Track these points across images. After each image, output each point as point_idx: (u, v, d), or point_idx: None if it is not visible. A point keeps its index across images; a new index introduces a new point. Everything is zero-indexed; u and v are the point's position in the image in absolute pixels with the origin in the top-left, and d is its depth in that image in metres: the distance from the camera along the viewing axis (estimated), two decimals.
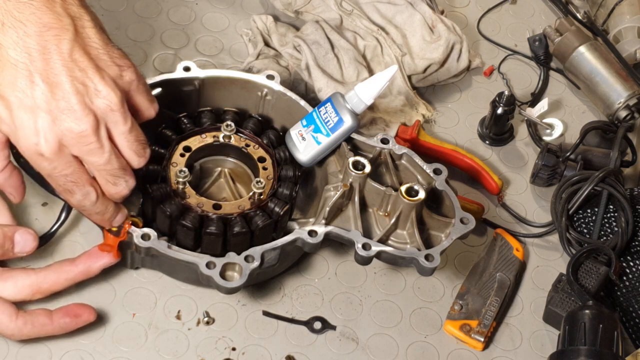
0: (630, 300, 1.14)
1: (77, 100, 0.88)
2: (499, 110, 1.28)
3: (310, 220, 1.08)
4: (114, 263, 1.03)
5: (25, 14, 0.87)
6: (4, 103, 0.88)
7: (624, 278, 1.15)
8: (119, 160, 0.94)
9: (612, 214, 1.19)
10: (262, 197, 1.07)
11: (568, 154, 1.25)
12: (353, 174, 1.07)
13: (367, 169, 1.08)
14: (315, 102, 1.18)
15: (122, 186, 0.96)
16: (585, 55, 1.36)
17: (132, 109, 0.95)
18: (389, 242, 1.07)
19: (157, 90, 1.10)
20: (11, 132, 0.90)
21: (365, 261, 1.04)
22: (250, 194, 1.07)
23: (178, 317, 1.08)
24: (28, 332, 0.98)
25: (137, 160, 0.95)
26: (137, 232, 1.01)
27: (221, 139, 1.12)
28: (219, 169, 1.14)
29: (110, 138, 0.92)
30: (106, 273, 1.09)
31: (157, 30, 1.36)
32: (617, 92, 1.33)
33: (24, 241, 0.99)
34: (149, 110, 0.98)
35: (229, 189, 1.13)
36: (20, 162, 0.98)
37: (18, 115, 0.88)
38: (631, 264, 1.16)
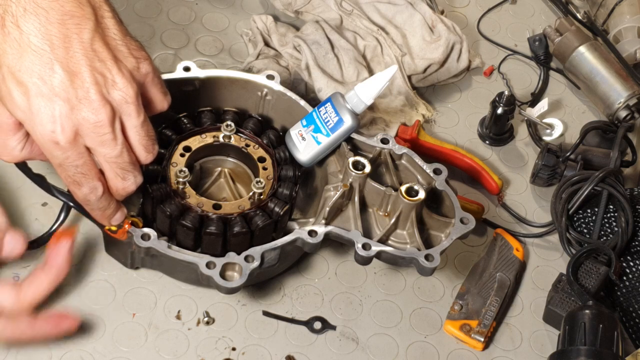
0: (630, 300, 1.14)
1: (96, 90, 0.88)
2: (499, 110, 1.28)
3: (310, 220, 1.08)
4: (73, 242, 1.00)
5: (47, 1, 0.87)
6: (22, 89, 0.87)
7: (624, 278, 1.15)
8: (130, 154, 0.93)
9: (612, 214, 1.19)
10: (262, 197, 1.07)
11: (568, 154, 1.25)
12: (353, 174, 1.07)
13: (367, 169, 1.08)
14: (315, 102, 1.18)
15: (130, 181, 0.95)
16: (585, 55, 1.36)
17: (145, 101, 0.94)
18: (389, 242, 1.07)
19: None
20: (26, 118, 0.88)
21: (365, 261, 1.04)
22: (250, 194, 1.07)
23: (178, 317, 1.08)
24: (7, 336, 0.96)
25: (145, 155, 0.95)
26: (137, 232, 1.01)
27: (221, 139, 1.12)
28: (219, 169, 1.14)
29: (123, 131, 0.92)
30: (106, 273, 1.09)
31: (157, 30, 1.36)
32: (617, 92, 1.33)
33: (14, 243, 0.98)
34: (162, 102, 0.98)
35: (229, 189, 1.13)
36: (18, 164, 0.98)
37: (35, 102, 0.87)
38: (631, 264, 1.16)
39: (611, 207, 1.19)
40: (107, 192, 0.96)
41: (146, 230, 1.01)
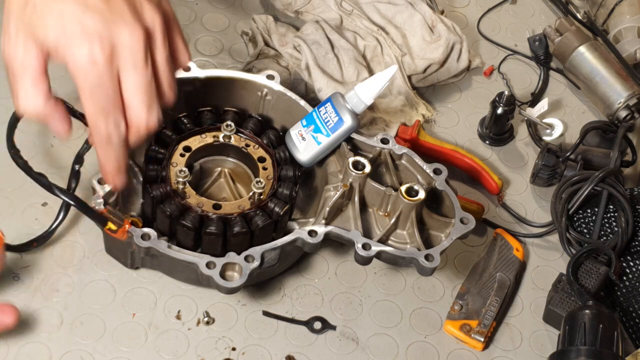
0: (630, 300, 1.14)
1: (130, 11, 0.88)
2: (499, 110, 1.28)
3: (310, 220, 1.08)
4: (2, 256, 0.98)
5: None
6: (55, 13, 0.86)
7: (624, 278, 1.15)
8: (155, 88, 0.92)
9: (612, 214, 1.19)
10: (262, 197, 1.07)
11: (568, 154, 1.25)
12: (353, 174, 1.07)
13: (367, 169, 1.08)
14: (315, 102, 1.18)
15: (154, 115, 0.92)
16: (585, 55, 1.36)
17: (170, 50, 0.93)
18: (389, 242, 1.07)
19: None
20: (61, 43, 0.87)
21: (365, 261, 1.04)
22: (250, 194, 1.07)
23: (178, 317, 1.08)
24: None
25: (169, 92, 0.93)
26: (137, 232, 1.01)
27: (221, 139, 1.12)
28: (219, 169, 1.14)
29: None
30: (106, 273, 1.09)
31: None
32: (617, 92, 1.33)
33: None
34: (184, 54, 0.96)
35: (229, 189, 1.13)
36: (19, 162, 0.98)
37: (70, 23, 0.86)
38: (631, 264, 1.16)
39: (611, 207, 1.19)
40: (126, 136, 0.92)
41: (146, 230, 1.01)
